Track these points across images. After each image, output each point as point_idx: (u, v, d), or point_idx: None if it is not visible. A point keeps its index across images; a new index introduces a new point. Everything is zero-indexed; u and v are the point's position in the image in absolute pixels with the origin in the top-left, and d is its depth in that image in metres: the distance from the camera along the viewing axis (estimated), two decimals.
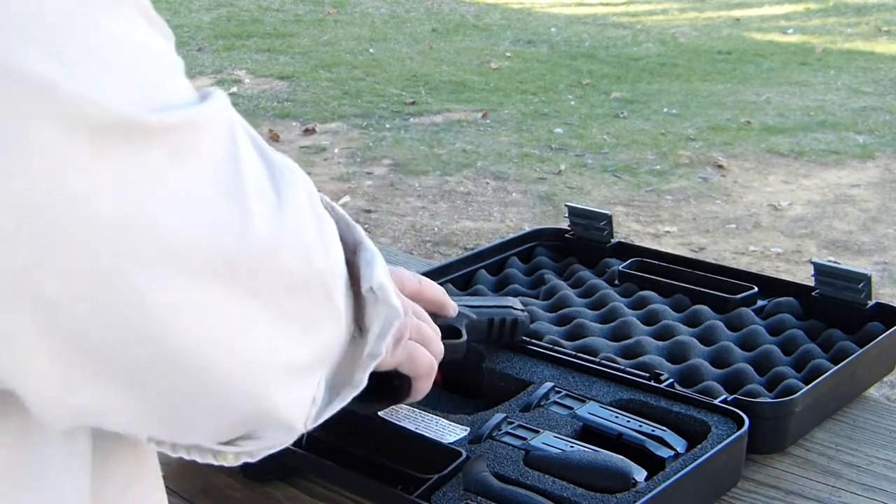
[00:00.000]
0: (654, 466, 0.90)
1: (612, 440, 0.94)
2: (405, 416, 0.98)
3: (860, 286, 1.17)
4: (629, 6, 9.17)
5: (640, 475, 0.88)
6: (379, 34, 8.06)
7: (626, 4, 9.24)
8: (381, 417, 0.98)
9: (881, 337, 1.10)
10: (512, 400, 1.01)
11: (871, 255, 3.91)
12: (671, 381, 1.02)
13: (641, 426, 0.95)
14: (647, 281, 1.30)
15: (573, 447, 0.92)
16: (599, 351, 1.13)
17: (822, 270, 1.20)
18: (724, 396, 1.00)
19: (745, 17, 8.60)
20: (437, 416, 0.99)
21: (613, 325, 1.19)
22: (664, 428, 0.95)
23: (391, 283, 0.70)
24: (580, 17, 8.71)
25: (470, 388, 1.08)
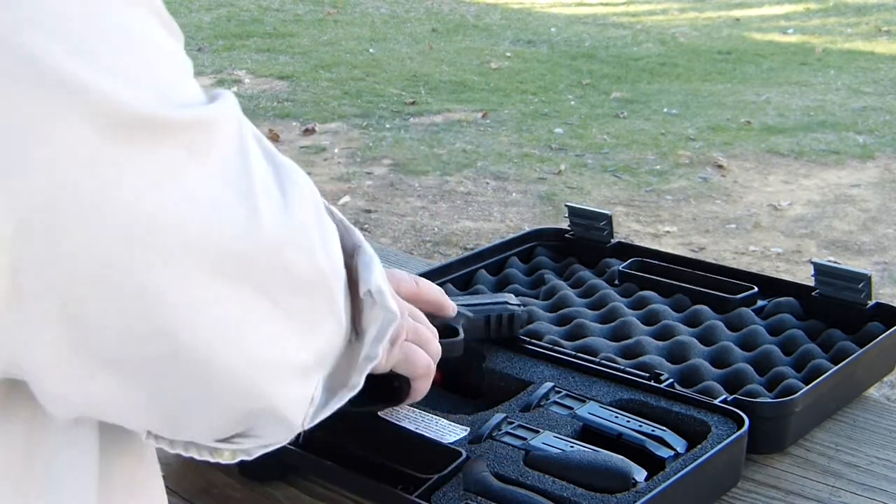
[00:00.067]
0: (654, 466, 0.90)
1: (612, 440, 0.94)
2: (405, 416, 0.98)
3: (860, 286, 1.17)
4: (629, 6, 9.17)
5: (640, 475, 0.88)
6: (379, 34, 8.06)
7: (626, 4, 9.24)
8: (380, 417, 0.98)
9: (881, 337, 1.10)
10: (512, 400, 1.01)
11: (871, 255, 3.91)
12: (671, 381, 1.02)
13: (641, 426, 0.95)
14: (647, 281, 1.30)
15: (573, 447, 0.92)
16: (599, 351, 1.13)
17: (822, 270, 1.20)
18: (724, 396, 1.00)
19: (745, 17, 8.60)
20: (437, 416, 0.99)
21: (613, 325, 1.19)
22: (664, 428, 0.95)
23: (388, 286, 0.70)
24: (580, 17, 8.71)
25: (470, 388, 1.08)
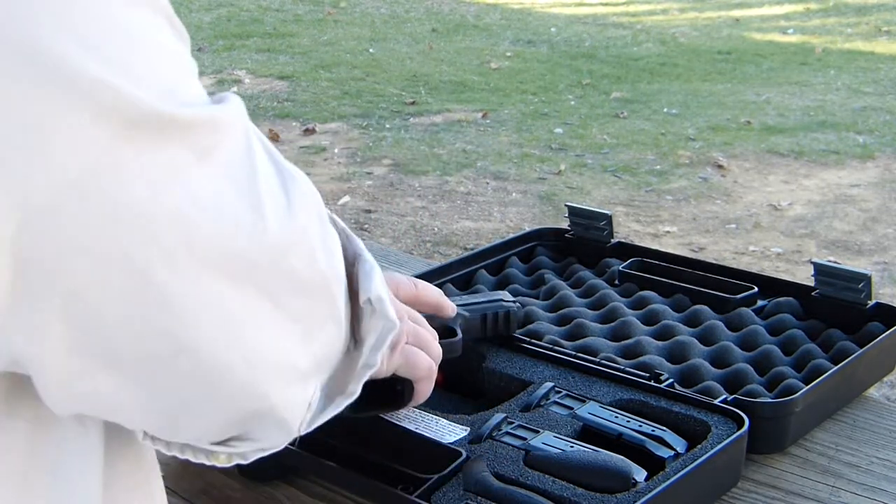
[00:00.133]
0: (654, 466, 0.90)
1: (612, 440, 0.94)
2: (405, 416, 0.98)
3: (860, 286, 1.17)
4: (629, 6, 9.17)
5: (640, 475, 0.88)
6: (379, 34, 8.06)
7: (626, 4, 9.24)
8: (381, 417, 0.98)
9: (881, 337, 1.10)
10: (512, 400, 1.01)
11: (871, 255, 3.91)
12: (671, 381, 1.02)
13: (641, 426, 0.95)
14: (647, 281, 1.30)
15: (573, 447, 0.92)
16: (599, 351, 1.13)
17: (822, 270, 1.20)
18: (724, 396, 1.00)
19: (745, 17, 8.60)
20: (437, 416, 0.99)
21: (613, 325, 1.19)
22: (664, 428, 0.95)
23: (388, 294, 0.70)
24: (580, 17, 8.71)
25: (470, 388, 1.08)
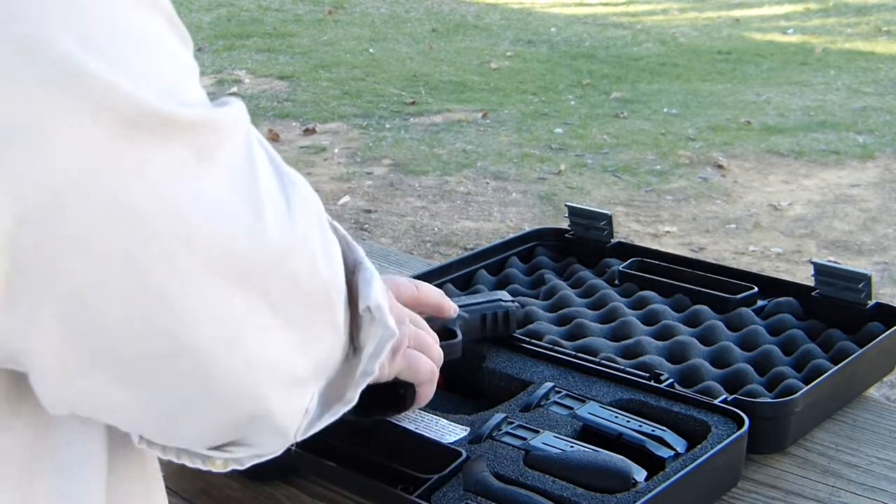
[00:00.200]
0: (654, 466, 0.90)
1: (612, 440, 0.94)
2: (405, 416, 0.98)
3: (860, 286, 1.17)
4: (629, 6, 9.17)
5: (640, 475, 0.88)
6: (379, 34, 8.06)
7: (626, 4, 9.23)
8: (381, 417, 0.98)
9: (881, 337, 1.10)
10: (512, 400, 1.01)
11: (871, 255, 3.91)
12: (671, 381, 1.02)
13: (641, 426, 0.95)
14: (647, 281, 1.30)
15: (573, 447, 0.92)
16: (599, 351, 1.13)
17: (822, 270, 1.20)
18: (724, 396, 1.00)
19: (745, 17, 8.60)
20: (437, 416, 0.99)
21: (613, 325, 1.19)
22: (664, 428, 0.95)
23: (388, 303, 0.70)
24: (580, 17, 8.71)
25: (470, 388, 1.08)
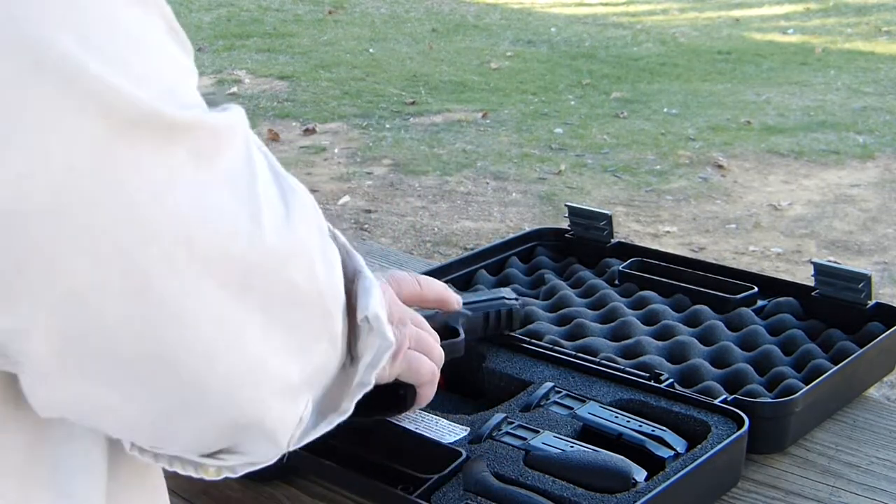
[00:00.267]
0: (654, 466, 0.90)
1: (612, 440, 0.94)
2: (405, 416, 0.98)
3: (860, 286, 1.17)
4: (629, 6, 9.17)
5: (640, 475, 0.88)
6: (379, 34, 8.06)
7: (626, 4, 9.23)
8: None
9: (881, 337, 1.10)
10: (512, 400, 1.01)
11: (871, 255, 3.91)
12: (671, 381, 1.02)
13: (641, 426, 0.95)
14: (647, 281, 1.30)
15: (573, 447, 0.92)
16: (599, 351, 1.13)
17: (822, 270, 1.20)
18: (724, 396, 1.00)
19: (745, 17, 8.60)
20: (437, 416, 0.99)
21: (613, 325, 1.19)
22: (664, 428, 0.95)
23: (386, 313, 0.69)
24: (580, 17, 8.71)
25: (470, 388, 1.08)
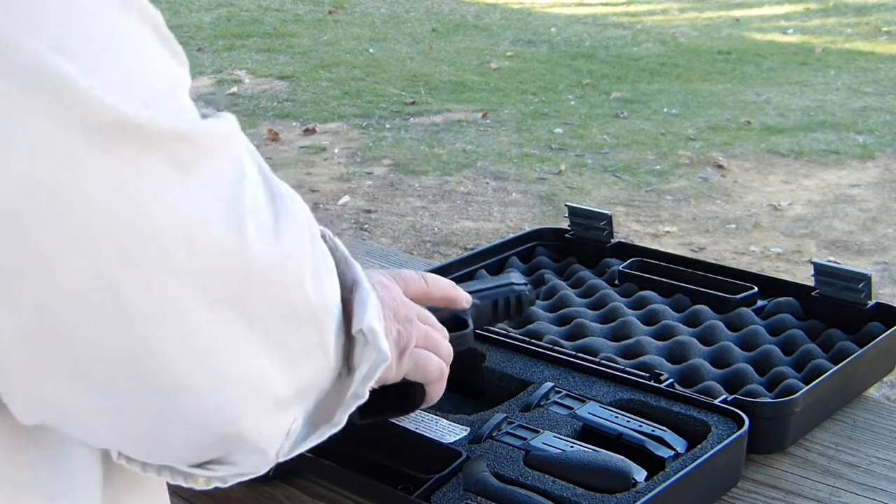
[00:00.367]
0: (654, 466, 0.90)
1: (612, 440, 0.94)
2: (405, 416, 0.98)
3: (860, 286, 1.17)
4: (629, 6, 9.17)
5: (640, 475, 0.88)
6: (379, 34, 8.06)
7: (626, 4, 9.23)
8: None
9: (881, 337, 1.10)
10: (512, 400, 1.01)
11: (871, 255, 3.91)
12: (671, 381, 1.02)
13: (641, 426, 0.95)
14: (647, 281, 1.30)
15: (573, 447, 0.92)
16: (599, 351, 1.13)
17: (822, 270, 1.20)
18: (724, 396, 1.00)
19: (745, 17, 8.60)
20: (437, 416, 0.99)
21: (613, 325, 1.19)
22: (664, 428, 0.95)
23: (382, 325, 0.68)
24: (580, 17, 8.71)
25: (470, 388, 1.08)
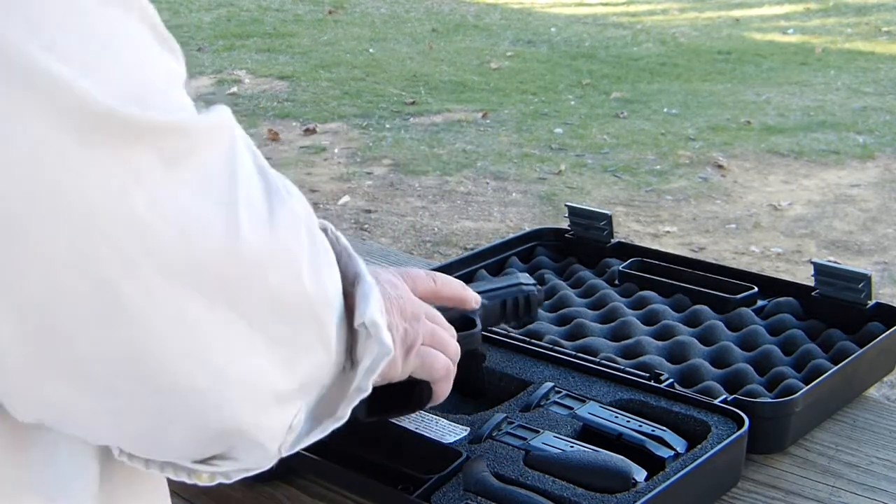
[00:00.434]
0: (654, 466, 0.90)
1: (612, 440, 0.94)
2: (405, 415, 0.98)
3: (860, 286, 1.17)
4: (629, 6, 9.16)
5: (640, 475, 0.88)
6: (379, 34, 8.06)
7: (626, 4, 9.23)
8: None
9: (881, 337, 1.10)
10: (512, 400, 1.01)
11: (871, 255, 3.91)
12: (671, 381, 1.02)
13: (641, 426, 0.95)
14: (647, 281, 1.30)
15: (573, 447, 0.92)
16: (599, 351, 1.13)
17: (822, 270, 1.20)
18: (724, 396, 1.00)
19: (745, 17, 8.60)
20: (437, 416, 0.99)
21: (613, 325, 1.19)
22: (664, 428, 0.95)
23: (384, 319, 0.68)
24: (580, 17, 8.71)
25: (470, 388, 1.08)
